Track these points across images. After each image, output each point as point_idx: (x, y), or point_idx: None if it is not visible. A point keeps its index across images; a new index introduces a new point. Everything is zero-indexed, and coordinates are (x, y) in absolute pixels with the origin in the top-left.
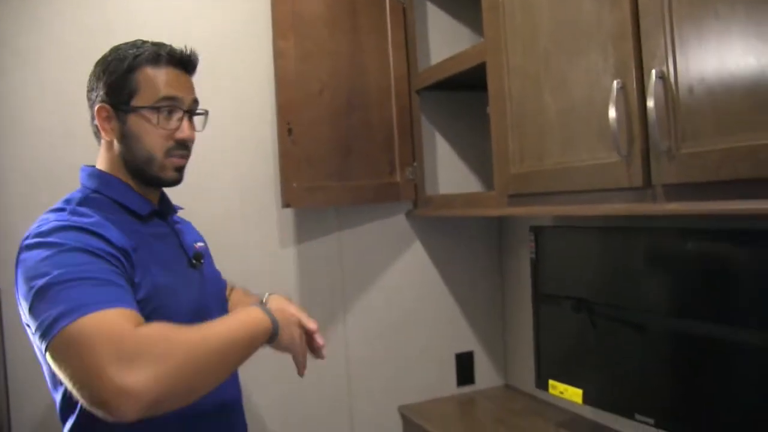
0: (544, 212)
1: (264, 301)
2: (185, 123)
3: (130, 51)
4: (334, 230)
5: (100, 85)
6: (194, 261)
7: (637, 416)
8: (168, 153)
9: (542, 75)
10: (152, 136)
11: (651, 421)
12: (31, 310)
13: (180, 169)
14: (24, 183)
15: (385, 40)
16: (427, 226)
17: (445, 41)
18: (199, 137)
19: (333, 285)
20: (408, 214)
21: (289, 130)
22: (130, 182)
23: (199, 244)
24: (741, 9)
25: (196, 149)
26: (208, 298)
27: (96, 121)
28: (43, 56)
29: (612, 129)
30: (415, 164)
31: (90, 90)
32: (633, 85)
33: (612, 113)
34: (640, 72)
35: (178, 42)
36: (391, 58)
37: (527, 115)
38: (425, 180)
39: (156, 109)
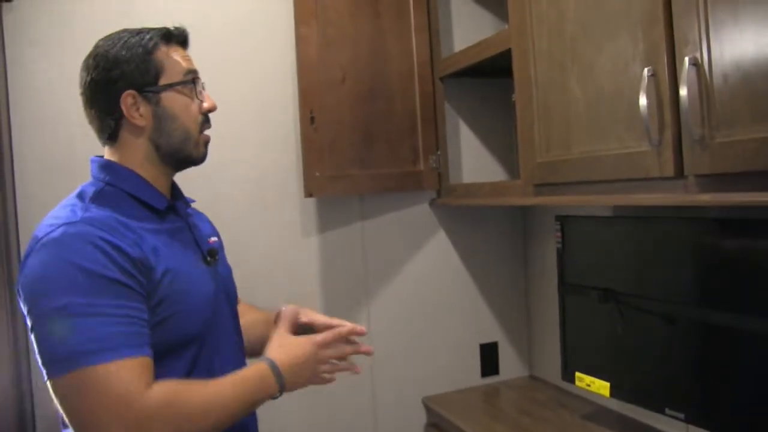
0: (571, 202)
1: (280, 313)
2: (206, 93)
3: (136, 37)
4: (356, 219)
5: (116, 75)
6: (209, 258)
7: (668, 411)
8: (201, 128)
9: (569, 62)
10: (189, 111)
11: (681, 416)
12: (35, 330)
13: (207, 144)
14: (42, 171)
15: (407, 25)
16: (450, 215)
17: (468, 28)
18: (220, 125)
19: (356, 275)
20: (431, 203)
21: (312, 118)
22: (146, 175)
23: (213, 239)
24: None
25: (218, 138)
26: (221, 299)
27: (122, 111)
28: (62, 46)
29: (643, 117)
30: (438, 152)
31: (98, 84)
32: (664, 72)
33: (643, 101)
34: (671, 58)
35: (200, 28)
36: (414, 44)
37: (554, 102)
38: (449, 168)
39: (187, 83)
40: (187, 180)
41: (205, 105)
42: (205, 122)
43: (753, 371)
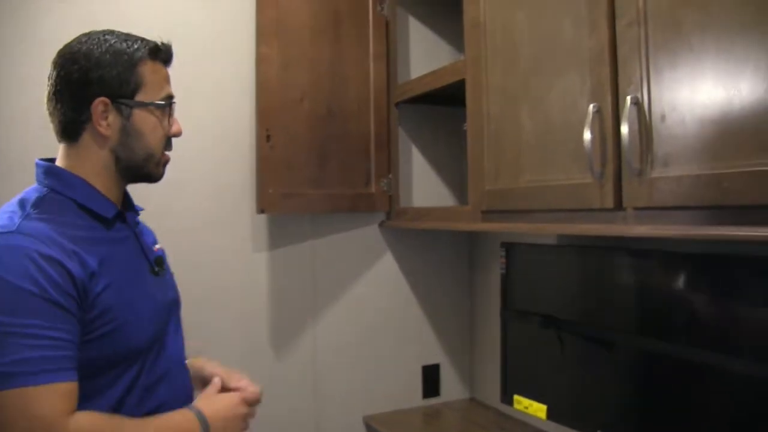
0: (517, 229)
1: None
2: (174, 117)
3: (123, 44)
4: (307, 237)
5: (94, 77)
6: (156, 268)
7: None
8: (163, 149)
9: (521, 95)
10: (156, 132)
11: None
12: None
13: (166, 165)
14: (3, 171)
15: (366, 51)
16: (399, 237)
17: (425, 55)
18: (178, 140)
19: (304, 292)
20: (381, 225)
21: (268, 137)
22: (98, 183)
23: (158, 246)
24: (711, 44)
25: (174, 151)
26: (168, 311)
27: (92, 117)
28: (25, 51)
29: (586, 151)
30: (390, 176)
31: (73, 83)
32: (608, 109)
33: (587, 135)
34: (615, 97)
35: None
36: (371, 70)
37: (504, 133)
38: (400, 192)
39: (163, 106)
40: (141, 193)
41: (173, 129)
42: (168, 144)
43: (683, 398)
